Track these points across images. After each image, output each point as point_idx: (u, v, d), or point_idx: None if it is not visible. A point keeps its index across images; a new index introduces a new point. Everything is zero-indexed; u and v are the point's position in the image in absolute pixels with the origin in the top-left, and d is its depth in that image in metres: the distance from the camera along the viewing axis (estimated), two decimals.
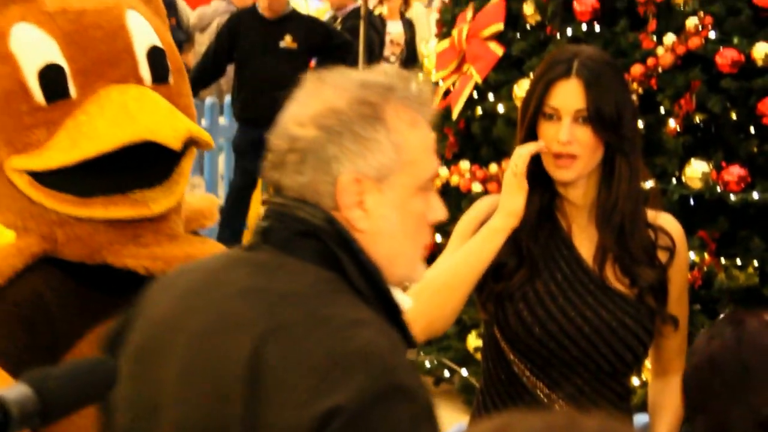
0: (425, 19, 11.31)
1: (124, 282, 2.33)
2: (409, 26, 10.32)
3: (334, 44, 8.29)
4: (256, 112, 8.09)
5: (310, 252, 1.73)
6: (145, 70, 2.39)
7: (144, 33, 2.43)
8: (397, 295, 1.80)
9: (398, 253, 1.77)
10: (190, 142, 2.38)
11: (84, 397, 1.34)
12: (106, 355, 1.60)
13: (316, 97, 1.79)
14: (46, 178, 2.32)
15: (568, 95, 2.52)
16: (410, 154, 1.75)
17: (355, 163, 1.72)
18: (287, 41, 8.06)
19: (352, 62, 9.78)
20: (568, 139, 2.51)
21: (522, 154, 2.55)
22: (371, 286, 1.74)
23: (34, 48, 2.33)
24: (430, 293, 2.50)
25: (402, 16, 10.31)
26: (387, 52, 10.36)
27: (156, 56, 2.42)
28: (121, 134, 2.26)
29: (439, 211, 1.82)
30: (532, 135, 2.58)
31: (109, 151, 2.27)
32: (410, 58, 10.67)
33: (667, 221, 2.69)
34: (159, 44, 2.44)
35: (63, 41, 2.33)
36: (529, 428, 1.13)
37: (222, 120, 9.61)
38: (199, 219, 2.58)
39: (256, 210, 8.68)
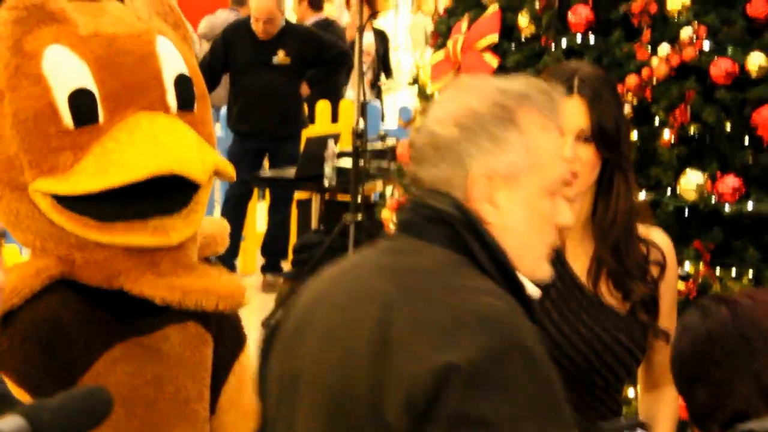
0: (396, 28, 11.38)
1: (140, 307, 2.34)
2: (380, 37, 10.32)
3: (328, 56, 8.30)
4: (251, 124, 8.11)
5: (441, 236, 1.86)
6: (171, 98, 2.40)
7: (172, 60, 2.42)
8: (524, 280, 1.92)
9: (523, 248, 1.88)
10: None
11: (78, 428, 1.35)
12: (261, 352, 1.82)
13: (457, 99, 1.91)
14: (68, 202, 2.33)
15: (571, 114, 2.53)
16: (540, 156, 1.87)
17: (487, 160, 1.85)
18: (280, 57, 8.08)
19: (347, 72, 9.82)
20: (572, 160, 2.52)
21: None
22: (498, 269, 1.85)
23: (66, 71, 2.32)
24: None
25: (372, 27, 10.31)
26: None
27: (183, 84, 2.42)
28: (150, 165, 2.27)
29: (566, 216, 1.94)
30: None
31: (137, 181, 2.27)
32: (385, 68, 10.70)
33: (657, 235, 2.70)
34: (186, 72, 2.44)
35: (94, 65, 2.33)
36: None
37: (218, 129, 9.63)
38: (211, 245, 2.59)
39: (252, 219, 8.68)
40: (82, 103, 2.31)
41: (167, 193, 2.33)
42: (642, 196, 4.93)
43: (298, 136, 8.21)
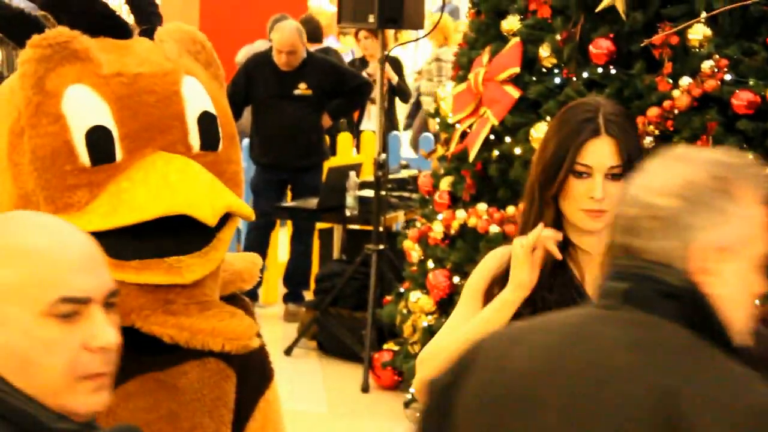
0: (410, 53, 11.39)
1: (158, 342, 2.35)
2: (394, 64, 10.30)
3: (349, 87, 8.34)
4: (273, 156, 8.15)
5: (673, 311, 1.85)
6: (194, 138, 2.40)
7: (198, 99, 2.43)
8: None
9: (734, 319, 1.88)
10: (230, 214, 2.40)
11: None
12: (436, 402, 1.75)
13: (671, 169, 1.91)
14: None
15: (602, 154, 2.56)
16: (754, 229, 1.87)
17: (709, 233, 1.85)
18: (302, 89, 8.12)
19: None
20: (602, 197, 2.56)
21: (543, 236, 2.60)
22: (726, 345, 1.86)
23: (85, 110, 2.34)
24: (444, 359, 2.54)
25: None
26: (374, 92, 10.42)
27: (207, 123, 2.42)
28: (159, 206, 2.28)
29: (761, 287, 1.92)
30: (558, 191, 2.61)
31: (145, 221, 2.29)
32: (401, 93, 10.70)
33: None
34: (211, 110, 2.44)
35: (115, 105, 2.34)
36: None
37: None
38: (236, 282, 2.58)
39: (275, 249, 8.72)
40: (98, 141, 2.32)
41: (188, 232, 2.33)
42: None
43: (319, 167, 8.26)
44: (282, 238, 8.92)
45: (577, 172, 2.57)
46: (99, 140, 2.33)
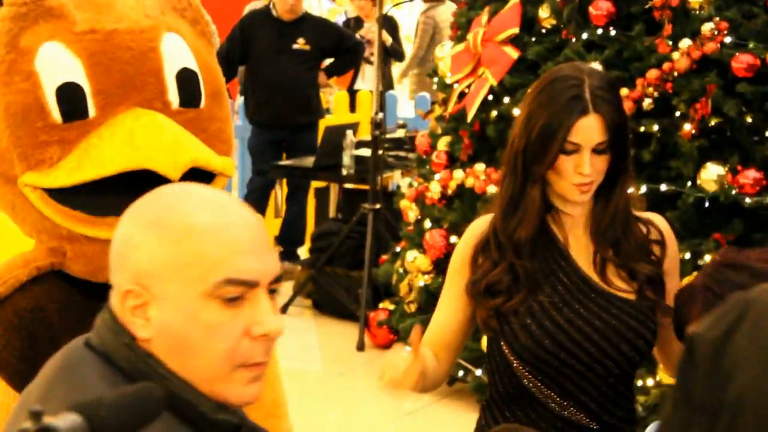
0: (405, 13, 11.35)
1: None
2: (389, 24, 10.26)
3: (345, 46, 8.33)
4: (271, 114, 8.12)
5: None
6: (173, 94, 2.40)
7: (178, 56, 2.42)
8: None
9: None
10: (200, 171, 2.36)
11: (132, 424, 1.35)
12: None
13: None
14: (58, 195, 2.35)
15: (590, 132, 2.56)
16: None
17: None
18: (300, 43, 8.08)
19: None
20: (591, 170, 2.57)
21: (397, 366, 2.49)
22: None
23: (57, 67, 2.34)
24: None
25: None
26: (366, 52, 10.38)
27: (186, 80, 2.41)
28: (121, 161, 2.28)
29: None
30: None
31: (108, 176, 2.29)
32: (395, 53, 10.67)
33: (653, 217, 2.76)
34: (192, 67, 2.43)
35: (87, 62, 2.34)
36: None
37: (236, 119, 9.65)
38: None
39: (270, 207, 8.72)
40: (69, 97, 2.33)
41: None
42: (663, 188, 4.99)
43: (316, 126, 8.25)
44: (278, 197, 8.90)
45: (566, 149, 2.57)
46: (70, 97, 2.33)
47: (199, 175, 2.34)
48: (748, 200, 4.79)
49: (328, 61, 8.56)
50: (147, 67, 2.37)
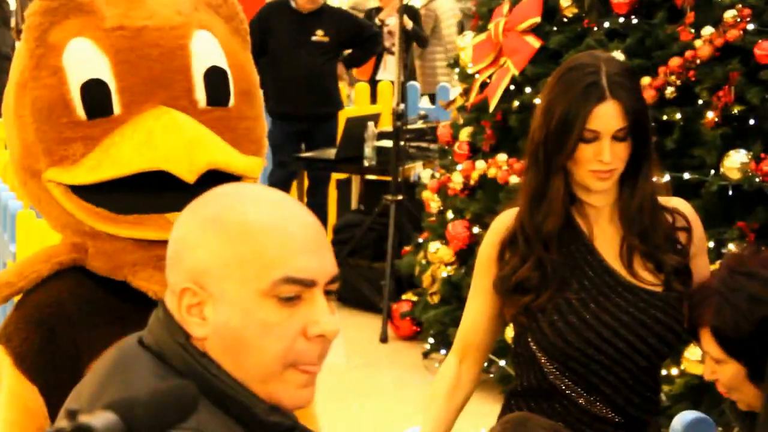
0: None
1: (142, 299, 2.34)
2: (410, 13, 10.24)
3: (364, 37, 8.33)
4: (292, 106, 8.12)
5: None
6: (200, 93, 2.38)
7: (208, 54, 2.40)
8: None
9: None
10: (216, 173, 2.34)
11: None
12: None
13: None
14: (81, 192, 2.35)
15: (608, 118, 2.55)
16: None
17: None
18: (319, 35, 8.08)
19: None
20: (611, 158, 2.55)
21: None
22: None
23: (84, 63, 2.33)
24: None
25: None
26: (387, 43, 10.35)
27: (215, 78, 2.40)
28: (139, 161, 2.28)
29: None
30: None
31: (126, 176, 2.29)
32: (418, 40, 10.66)
33: (677, 203, 2.74)
34: (222, 65, 2.41)
35: (114, 59, 2.33)
36: None
37: None
38: None
39: None
40: (94, 94, 2.32)
41: (196, 188, 2.22)
42: (686, 176, 4.97)
43: (335, 117, 8.25)
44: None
45: (585, 137, 2.56)
46: (94, 94, 2.33)
47: (219, 177, 2.33)
48: None
49: (346, 52, 8.56)
50: (175, 65, 2.36)
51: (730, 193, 4.87)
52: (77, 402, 1.67)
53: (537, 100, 5.50)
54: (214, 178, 2.30)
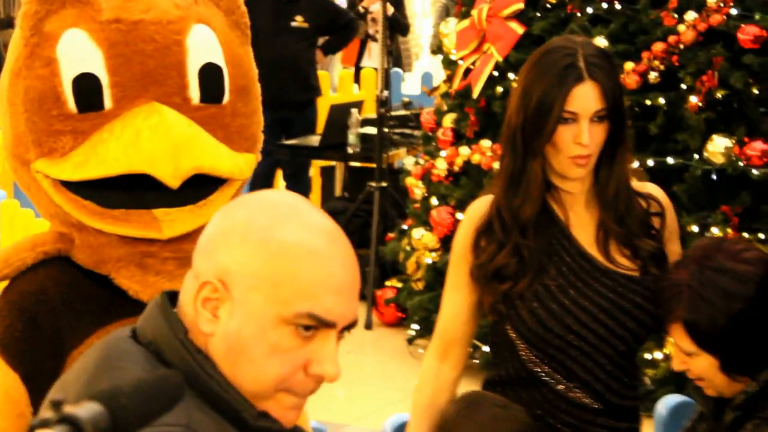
0: None
1: (124, 296, 2.33)
2: (393, 1, 10.22)
3: (341, 23, 8.32)
4: (273, 93, 8.07)
5: None
6: (194, 90, 2.34)
7: (204, 50, 2.37)
8: None
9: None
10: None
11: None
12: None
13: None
14: (69, 184, 2.33)
15: (587, 99, 2.53)
16: None
17: None
18: (299, 21, 8.06)
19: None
20: (589, 140, 2.54)
21: None
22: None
23: (77, 56, 2.31)
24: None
25: None
26: (371, 30, 10.34)
27: (209, 75, 2.37)
28: (124, 162, 2.26)
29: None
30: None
31: (110, 177, 2.27)
32: (400, 27, 10.65)
33: (652, 188, 2.74)
34: (218, 62, 2.38)
35: (108, 52, 2.31)
36: None
37: None
38: None
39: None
40: (85, 88, 2.29)
41: (184, 187, 2.28)
42: (670, 161, 4.99)
43: (315, 104, 8.24)
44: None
45: (563, 118, 2.55)
46: (86, 88, 2.30)
47: (206, 179, 2.32)
48: (755, 172, 4.79)
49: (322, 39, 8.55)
50: (169, 61, 2.32)
51: (714, 177, 4.88)
52: (63, 393, 1.65)
53: None
54: (200, 178, 2.29)
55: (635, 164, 4.57)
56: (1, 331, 2.31)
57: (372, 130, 7.24)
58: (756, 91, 4.82)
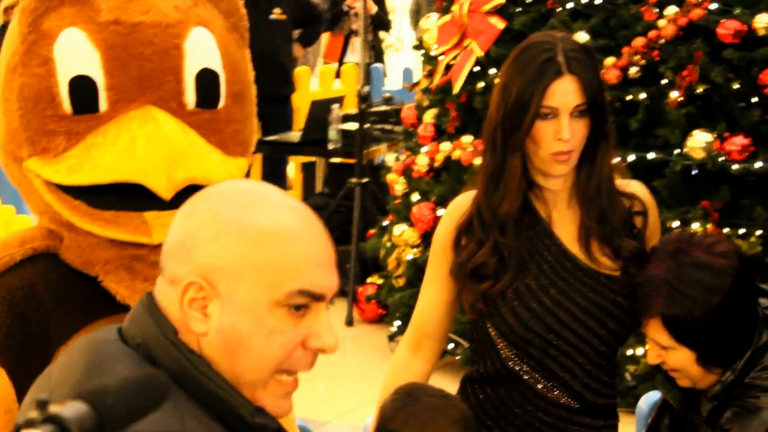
0: None
1: (112, 299, 2.32)
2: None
3: (313, 15, 8.35)
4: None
5: None
6: (190, 95, 2.34)
7: (201, 54, 2.37)
8: None
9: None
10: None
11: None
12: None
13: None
14: (60, 184, 2.33)
15: (566, 94, 2.52)
16: None
17: None
18: (276, 13, 8.04)
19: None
20: (570, 136, 2.52)
21: None
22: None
23: (74, 57, 2.30)
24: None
25: None
26: (354, 26, 10.35)
27: (205, 80, 2.36)
28: (117, 170, 2.26)
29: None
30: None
31: (103, 184, 2.27)
32: (382, 23, 10.67)
33: (636, 187, 2.72)
34: (214, 67, 2.38)
35: (105, 54, 2.30)
36: None
37: None
38: None
39: None
40: (81, 90, 2.29)
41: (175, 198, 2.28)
42: (650, 156, 4.99)
43: (290, 100, 8.22)
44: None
45: (542, 114, 2.53)
46: (82, 89, 2.30)
47: (198, 186, 2.31)
48: (735, 167, 4.79)
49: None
50: (167, 65, 2.32)
51: (694, 172, 4.89)
52: (48, 393, 1.63)
53: None
54: (192, 188, 2.27)
55: (616, 159, 4.57)
56: None
57: (353, 126, 7.23)
58: (736, 86, 4.82)
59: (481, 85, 5.65)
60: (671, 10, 4.92)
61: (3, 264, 2.35)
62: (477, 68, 5.66)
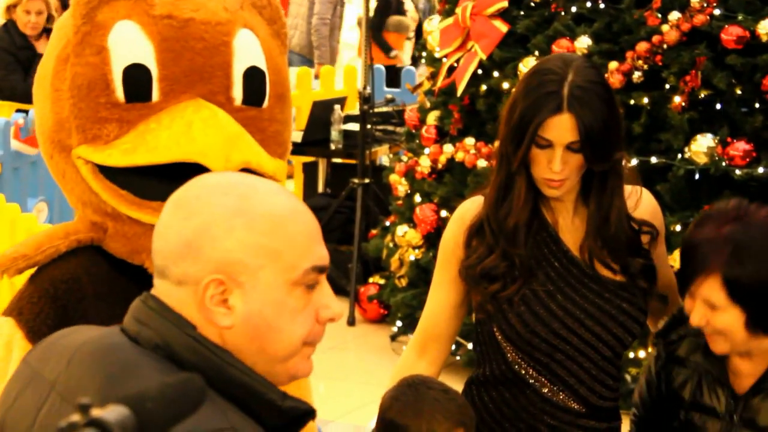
0: None
1: None
2: None
3: None
4: None
5: None
6: (237, 91, 2.40)
7: (249, 53, 2.43)
8: None
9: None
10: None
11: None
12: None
13: None
14: (109, 172, 2.36)
15: (562, 131, 2.54)
16: None
17: None
18: None
19: None
20: (561, 168, 2.55)
21: None
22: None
23: (129, 46, 2.36)
24: None
25: None
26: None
27: (253, 78, 2.42)
28: (175, 151, 2.30)
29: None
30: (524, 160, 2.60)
31: (160, 164, 2.31)
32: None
33: (644, 199, 2.73)
34: (261, 66, 2.44)
35: (159, 46, 2.35)
36: None
37: None
38: None
39: None
40: (135, 79, 2.35)
41: None
42: (653, 161, 5.01)
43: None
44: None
45: (539, 143, 2.56)
46: (136, 78, 2.35)
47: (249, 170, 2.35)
48: (738, 172, 4.81)
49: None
50: (216, 61, 2.38)
51: (697, 177, 4.91)
52: (51, 396, 1.66)
53: (505, 84, 5.53)
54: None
55: (632, 162, 4.59)
56: (31, 318, 2.35)
57: (355, 127, 7.24)
58: (739, 92, 4.85)
59: (483, 87, 5.67)
60: (675, 15, 4.94)
61: (48, 255, 2.39)
62: (480, 71, 5.68)
